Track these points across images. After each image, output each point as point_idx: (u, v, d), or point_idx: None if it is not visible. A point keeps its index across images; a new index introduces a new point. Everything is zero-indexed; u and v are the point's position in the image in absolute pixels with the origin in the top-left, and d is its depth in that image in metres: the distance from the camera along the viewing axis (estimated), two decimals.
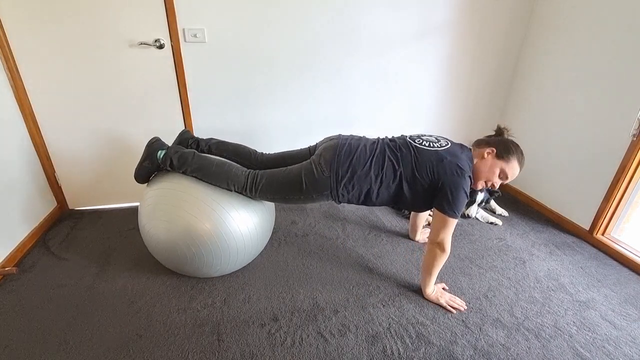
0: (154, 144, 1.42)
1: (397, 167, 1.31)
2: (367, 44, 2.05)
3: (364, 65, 2.10)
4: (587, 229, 1.91)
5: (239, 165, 1.44)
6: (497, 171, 1.34)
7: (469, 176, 1.29)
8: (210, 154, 1.55)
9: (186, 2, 1.73)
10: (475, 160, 1.36)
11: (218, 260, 1.37)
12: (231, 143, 1.61)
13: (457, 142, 1.45)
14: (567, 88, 1.97)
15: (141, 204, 1.40)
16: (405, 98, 2.27)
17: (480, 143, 1.42)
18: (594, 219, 1.86)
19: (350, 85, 2.15)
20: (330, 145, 1.38)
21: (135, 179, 1.45)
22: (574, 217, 2.00)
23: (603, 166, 1.80)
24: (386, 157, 1.33)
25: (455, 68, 2.24)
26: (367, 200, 1.36)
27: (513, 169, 1.33)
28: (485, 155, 1.35)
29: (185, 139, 1.61)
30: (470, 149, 1.41)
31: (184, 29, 1.79)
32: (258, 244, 1.47)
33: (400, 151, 1.34)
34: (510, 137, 1.42)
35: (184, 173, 1.37)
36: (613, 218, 1.82)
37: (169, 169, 1.40)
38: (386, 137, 1.46)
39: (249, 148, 1.61)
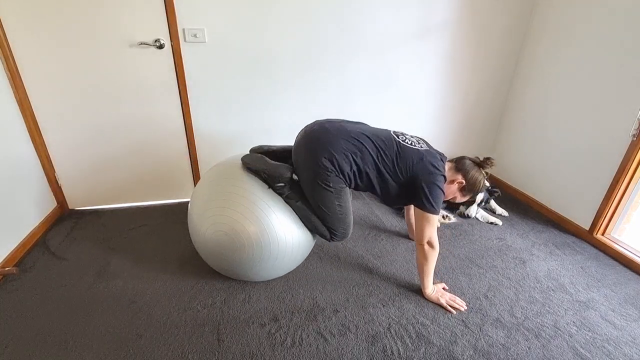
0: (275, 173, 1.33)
1: (376, 156, 1.31)
2: (368, 44, 2.05)
3: (364, 65, 2.10)
4: (587, 229, 1.90)
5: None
6: (452, 196, 1.47)
7: (443, 175, 1.33)
8: None
9: (186, 2, 1.73)
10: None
11: (264, 264, 1.35)
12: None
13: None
14: (567, 88, 1.97)
15: (192, 199, 1.40)
16: (405, 98, 2.27)
17: (460, 167, 1.42)
18: (594, 219, 1.86)
19: (350, 86, 2.15)
20: (298, 146, 1.36)
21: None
22: (574, 217, 2.00)
23: (603, 166, 1.80)
24: (370, 141, 1.32)
25: (455, 68, 2.24)
26: (359, 175, 1.34)
27: (464, 200, 1.49)
28: (455, 183, 1.41)
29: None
30: (445, 157, 1.43)
31: (184, 29, 1.79)
32: (301, 253, 1.44)
33: (383, 143, 1.34)
34: (487, 171, 1.43)
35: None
36: (613, 218, 1.82)
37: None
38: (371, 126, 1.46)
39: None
